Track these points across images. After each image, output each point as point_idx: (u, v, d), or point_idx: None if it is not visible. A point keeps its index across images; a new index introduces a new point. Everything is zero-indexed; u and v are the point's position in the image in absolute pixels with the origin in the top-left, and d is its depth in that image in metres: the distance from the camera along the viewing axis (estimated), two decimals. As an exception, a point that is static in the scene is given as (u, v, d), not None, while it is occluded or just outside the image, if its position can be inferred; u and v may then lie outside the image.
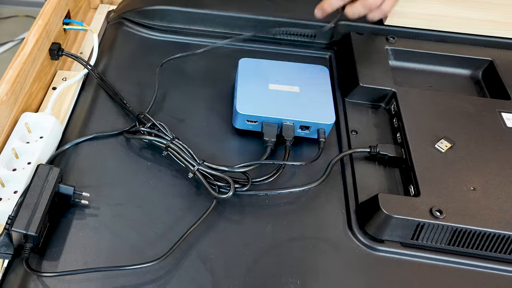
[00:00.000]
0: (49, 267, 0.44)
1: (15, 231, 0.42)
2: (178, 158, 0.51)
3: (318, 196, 0.51)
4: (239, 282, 0.44)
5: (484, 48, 0.66)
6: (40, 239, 0.44)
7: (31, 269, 0.42)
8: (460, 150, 0.52)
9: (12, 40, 2.07)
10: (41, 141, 0.53)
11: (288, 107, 0.54)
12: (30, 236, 0.42)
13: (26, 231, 0.42)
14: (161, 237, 0.47)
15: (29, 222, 0.42)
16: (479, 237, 0.46)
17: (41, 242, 0.45)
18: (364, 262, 0.46)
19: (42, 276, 0.43)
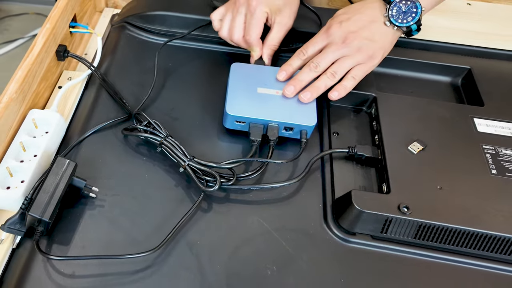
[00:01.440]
0: (55, 250, 0.49)
1: (31, 215, 0.47)
2: (170, 154, 0.56)
3: (298, 191, 0.56)
4: (221, 266, 0.48)
5: (463, 57, 0.70)
6: (52, 224, 0.49)
7: (40, 250, 0.47)
8: (431, 152, 0.56)
9: (22, 37, 2.12)
10: (46, 135, 0.57)
11: (274, 109, 0.59)
12: (44, 221, 0.47)
13: (41, 216, 0.47)
14: (154, 225, 0.51)
15: (45, 208, 0.47)
16: (442, 231, 0.50)
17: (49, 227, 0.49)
18: (337, 252, 0.50)
19: (49, 258, 0.48)
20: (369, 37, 0.57)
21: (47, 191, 0.48)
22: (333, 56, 0.58)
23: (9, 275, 0.47)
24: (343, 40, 0.57)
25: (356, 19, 0.58)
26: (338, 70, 0.58)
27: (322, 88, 0.58)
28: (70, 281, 0.47)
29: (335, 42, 0.57)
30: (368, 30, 0.57)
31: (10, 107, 0.55)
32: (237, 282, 0.47)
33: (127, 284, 0.47)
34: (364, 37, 0.57)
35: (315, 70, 0.58)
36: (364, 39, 0.57)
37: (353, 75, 0.58)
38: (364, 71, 0.58)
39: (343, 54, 0.57)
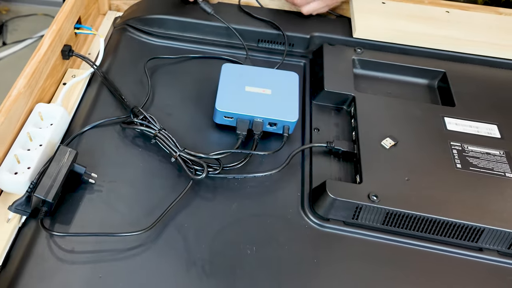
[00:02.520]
0: (57, 228, 0.54)
1: (36, 196, 0.52)
2: (163, 145, 0.61)
3: (279, 181, 0.61)
4: (205, 246, 0.53)
5: (439, 61, 0.74)
6: (55, 205, 0.54)
7: (44, 228, 0.52)
8: (402, 148, 0.61)
9: (31, 37, 2.18)
10: (51, 127, 0.62)
11: (259, 106, 0.64)
12: (47, 202, 0.52)
13: (45, 197, 0.52)
14: (146, 209, 0.57)
15: (48, 190, 0.52)
16: (408, 219, 0.55)
17: (53, 208, 0.55)
18: (312, 236, 0.55)
19: (52, 234, 0.53)
20: None
21: (50, 175, 0.54)
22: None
23: (15, 251, 0.53)
24: None
25: None
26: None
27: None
28: (70, 256, 0.52)
29: None
30: None
31: (19, 100, 0.60)
32: (219, 260, 0.52)
33: (121, 260, 0.52)
34: None
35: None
36: None
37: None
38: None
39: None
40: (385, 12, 0.79)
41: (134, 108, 0.65)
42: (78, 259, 0.52)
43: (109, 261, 0.52)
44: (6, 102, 0.59)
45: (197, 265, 0.52)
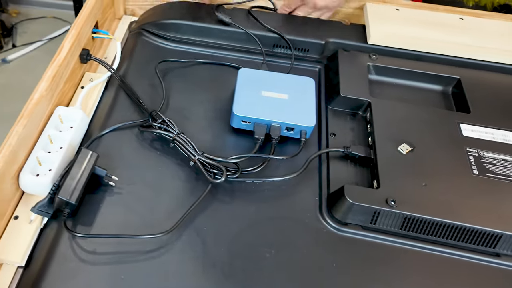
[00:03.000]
0: (79, 229, 0.55)
1: (60, 198, 0.53)
2: (182, 149, 0.62)
3: (297, 185, 0.61)
4: (224, 249, 0.54)
5: (453, 67, 0.75)
6: (77, 207, 0.55)
7: (68, 229, 0.53)
8: (419, 153, 0.62)
9: (40, 39, 2.20)
10: (71, 130, 0.63)
11: (277, 111, 0.64)
12: (71, 203, 0.53)
13: (69, 199, 0.53)
14: (165, 212, 0.57)
15: (72, 192, 0.53)
16: (425, 224, 0.55)
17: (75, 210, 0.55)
18: (330, 240, 0.56)
19: (75, 235, 0.54)
20: None
21: (73, 177, 0.55)
22: None
23: (37, 251, 0.54)
24: None
25: None
26: None
27: None
28: (91, 256, 0.53)
29: None
30: None
31: (41, 103, 0.61)
32: (238, 262, 0.53)
33: (141, 261, 0.53)
34: None
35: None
36: None
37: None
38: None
39: None
40: (399, 19, 0.80)
41: (153, 112, 0.66)
42: (100, 260, 0.53)
43: (130, 263, 0.53)
44: (29, 105, 0.60)
45: (216, 267, 0.52)
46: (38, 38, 2.23)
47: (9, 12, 2.30)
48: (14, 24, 2.27)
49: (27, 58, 2.15)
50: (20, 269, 0.53)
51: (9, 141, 0.55)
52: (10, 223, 0.55)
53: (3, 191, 0.54)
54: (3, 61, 2.09)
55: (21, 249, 0.53)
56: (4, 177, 0.54)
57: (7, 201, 0.55)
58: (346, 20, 0.86)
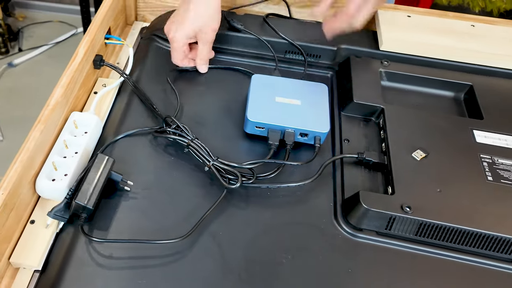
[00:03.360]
0: (96, 234, 0.55)
1: (77, 203, 0.53)
2: (197, 155, 0.62)
3: (312, 191, 0.61)
4: (240, 254, 0.54)
5: (466, 74, 0.75)
6: (94, 212, 0.55)
7: (85, 233, 0.54)
8: (433, 159, 0.62)
9: (46, 44, 2.21)
10: (86, 135, 0.63)
11: (291, 117, 0.65)
12: (88, 208, 0.54)
13: (86, 204, 0.53)
14: (181, 217, 0.57)
15: (89, 197, 0.54)
16: (440, 230, 0.55)
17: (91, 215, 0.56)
18: (345, 246, 0.56)
19: (92, 240, 0.54)
20: None
21: (90, 182, 0.55)
22: None
23: (54, 256, 0.54)
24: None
25: None
26: None
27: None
28: (108, 261, 0.53)
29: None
30: None
31: (56, 109, 0.61)
32: (255, 267, 0.53)
33: (158, 266, 0.53)
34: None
35: None
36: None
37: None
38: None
39: None
40: (410, 26, 0.80)
41: (167, 117, 0.66)
42: (117, 265, 0.53)
43: (147, 268, 0.53)
44: (45, 111, 0.60)
45: (234, 272, 0.53)
46: (44, 42, 2.24)
47: (16, 16, 2.31)
48: (20, 28, 2.28)
49: (33, 62, 2.16)
50: (37, 273, 0.53)
51: (26, 146, 0.55)
52: (27, 227, 0.56)
53: (21, 195, 0.54)
54: (9, 65, 2.10)
55: (37, 254, 0.53)
56: (21, 182, 0.54)
57: (24, 206, 0.55)
58: (357, 26, 0.87)
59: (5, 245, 0.52)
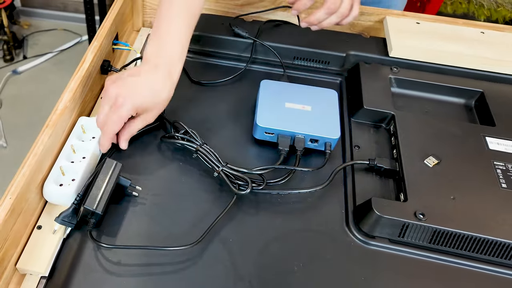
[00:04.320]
0: (104, 240, 0.54)
1: (86, 208, 0.52)
2: (205, 160, 0.61)
3: (323, 198, 0.60)
4: (251, 261, 0.53)
5: (476, 81, 0.74)
6: (102, 217, 0.55)
7: (93, 239, 0.53)
8: (446, 166, 0.61)
9: (51, 51, 2.21)
10: (93, 140, 0.63)
11: (301, 122, 0.64)
12: (96, 214, 0.53)
13: (95, 209, 0.52)
14: (189, 223, 0.57)
15: (98, 203, 0.53)
16: (455, 237, 0.54)
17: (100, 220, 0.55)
18: (357, 253, 0.55)
19: (100, 246, 0.53)
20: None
21: (99, 187, 0.54)
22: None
23: (61, 262, 0.53)
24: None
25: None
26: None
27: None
28: (116, 267, 0.52)
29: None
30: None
31: (65, 114, 0.61)
32: (266, 275, 0.52)
33: (166, 274, 0.52)
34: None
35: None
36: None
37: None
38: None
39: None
40: (420, 32, 0.80)
41: (175, 122, 0.66)
42: (125, 272, 0.52)
43: (156, 274, 0.52)
44: (53, 116, 0.59)
45: (244, 280, 0.52)
46: (49, 50, 2.24)
47: (21, 24, 2.32)
48: (25, 36, 2.28)
49: (37, 69, 2.16)
50: (43, 280, 0.52)
51: (35, 150, 0.55)
52: (34, 233, 0.55)
53: (28, 200, 0.53)
54: (14, 72, 2.10)
55: (44, 260, 0.52)
56: (29, 186, 0.53)
57: (31, 211, 0.55)
58: (365, 33, 0.86)
59: (12, 250, 0.51)
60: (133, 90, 0.59)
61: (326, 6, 0.66)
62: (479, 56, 0.76)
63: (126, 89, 0.59)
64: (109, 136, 0.60)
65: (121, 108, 0.58)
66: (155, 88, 0.61)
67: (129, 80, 0.60)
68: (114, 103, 0.59)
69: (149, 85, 0.61)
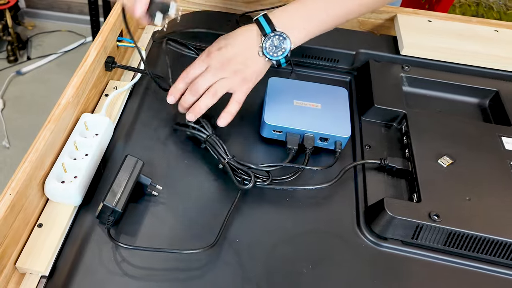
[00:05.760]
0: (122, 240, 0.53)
1: (105, 205, 0.51)
2: (213, 150, 0.60)
3: (333, 197, 0.59)
4: (260, 263, 0.51)
5: (491, 80, 0.72)
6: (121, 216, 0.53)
7: (112, 238, 0.51)
8: (460, 166, 0.59)
9: (55, 52, 2.20)
10: (97, 137, 0.61)
11: (310, 121, 0.62)
12: (116, 211, 0.51)
13: (115, 207, 0.51)
14: (195, 223, 0.55)
15: (118, 200, 0.51)
16: (471, 240, 0.52)
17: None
18: (369, 255, 0.53)
19: (119, 246, 0.51)
20: (243, 63, 0.60)
21: (119, 184, 0.52)
22: (212, 78, 0.60)
23: (62, 261, 0.51)
24: (221, 65, 0.60)
25: (234, 46, 0.61)
26: (218, 89, 0.60)
27: (203, 107, 0.61)
28: (118, 267, 0.50)
29: (214, 66, 0.60)
30: (243, 57, 0.60)
31: (67, 109, 0.59)
32: (274, 278, 0.50)
33: (172, 276, 0.50)
34: (239, 62, 0.60)
35: (196, 93, 0.61)
36: (240, 64, 0.60)
37: (236, 100, 0.61)
38: (244, 93, 0.61)
39: (222, 76, 0.60)
40: (431, 30, 0.78)
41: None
42: (128, 272, 0.50)
43: (160, 276, 0.50)
44: (56, 111, 0.58)
45: (252, 282, 0.50)
46: (53, 51, 2.23)
47: (25, 25, 2.31)
48: (29, 37, 2.28)
49: (41, 70, 2.15)
50: (44, 279, 0.50)
51: (36, 145, 0.53)
52: (34, 231, 0.53)
53: (29, 197, 0.52)
54: (18, 73, 2.09)
55: (45, 259, 0.51)
56: (30, 183, 0.51)
57: (32, 208, 0.53)
58: (376, 31, 0.84)
59: (12, 248, 0.49)
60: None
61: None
62: (493, 54, 0.74)
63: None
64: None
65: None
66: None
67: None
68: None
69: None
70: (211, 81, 0.60)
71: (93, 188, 0.58)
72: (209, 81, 0.60)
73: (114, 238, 0.51)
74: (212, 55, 0.61)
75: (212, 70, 0.60)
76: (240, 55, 0.60)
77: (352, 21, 0.86)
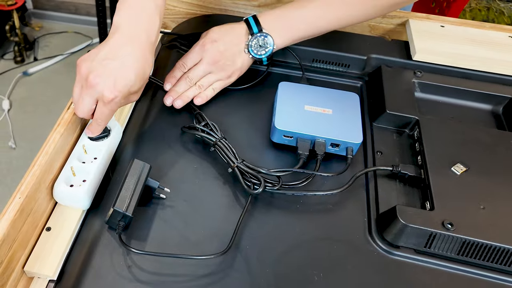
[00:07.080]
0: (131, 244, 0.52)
1: (116, 210, 0.50)
2: (222, 154, 0.59)
3: (344, 204, 0.58)
4: (270, 270, 0.50)
5: (504, 86, 0.71)
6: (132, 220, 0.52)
7: (123, 243, 0.50)
8: (474, 174, 0.58)
9: (62, 53, 2.21)
10: (105, 141, 0.61)
11: (321, 126, 0.61)
12: (127, 216, 0.50)
13: (125, 211, 0.50)
14: (205, 229, 0.54)
15: (128, 205, 0.51)
16: (485, 249, 0.51)
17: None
18: (380, 264, 0.52)
19: (131, 251, 0.50)
20: (231, 59, 0.68)
21: (128, 189, 0.52)
22: (203, 72, 0.69)
23: (70, 265, 0.50)
24: (213, 60, 0.68)
25: (226, 41, 0.68)
26: (204, 83, 0.69)
27: (190, 96, 0.69)
28: (128, 272, 0.49)
29: (206, 60, 0.68)
30: (231, 52, 0.68)
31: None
32: (284, 285, 0.49)
33: (179, 282, 0.49)
34: (227, 58, 0.68)
35: (189, 83, 0.69)
36: (227, 60, 0.68)
37: (213, 87, 0.70)
38: (223, 85, 0.70)
39: (210, 71, 0.69)
40: (444, 36, 0.77)
41: (198, 114, 0.64)
42: (137, 277, 0.49)
43: (168, 282, 0.49)
44: (65, 114, 0.57)
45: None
46: (59, 52, 2.24)
47: (32, 26, 2.32)
48: (36, 38, 2.28)
49: (47, 71, 2.15)
50: (52, 283, 0.50)
51: (45, 149, 0.53)
52: (42, 234, 0.52)
53: (38, 201, 0.51)
54: (24, 74, 2.09)
55: (53, 263, 0.50)
56: (40, 186, 0.51)
57: (40, 212, 0.52)
58: (387, 36, 0.84)
59: (20, 252, 0.49)
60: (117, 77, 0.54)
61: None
62: (507, 60, 0.73)
63: (109, 79, 0.53)
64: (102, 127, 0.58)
65: (111, 103, 0.55)
66: (139, 66, 0.55)
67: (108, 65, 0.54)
68: (101, 98, 0.54)
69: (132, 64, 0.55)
70: (202, 74, 0.69)
71: (102, 192, 0.57)
72: (201, 74, 0.69)
73: (125, 243, 0.51)
74: (205, 47, 0.68)
75: (204, 63, 0.68)
76: (229, 50, 0.68)
77: (363, 25, 0.85)
